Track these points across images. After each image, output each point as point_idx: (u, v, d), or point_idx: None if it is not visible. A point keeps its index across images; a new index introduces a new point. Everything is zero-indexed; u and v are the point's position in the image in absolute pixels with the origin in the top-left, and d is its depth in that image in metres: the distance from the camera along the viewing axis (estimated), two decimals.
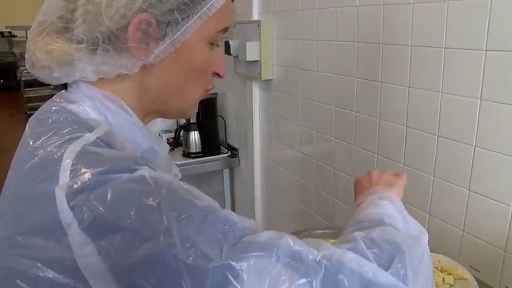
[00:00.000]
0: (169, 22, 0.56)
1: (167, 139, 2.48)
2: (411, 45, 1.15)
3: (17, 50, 9.10)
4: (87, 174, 0.46)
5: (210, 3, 0.58)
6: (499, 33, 0.94)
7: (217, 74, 0.67)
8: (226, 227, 0.48)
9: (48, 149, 0.51)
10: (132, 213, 0.44)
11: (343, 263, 0.49)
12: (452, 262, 0.98)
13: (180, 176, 0.74)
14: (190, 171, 2.31)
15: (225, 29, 0.64)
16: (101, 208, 0.44)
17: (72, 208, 0.45)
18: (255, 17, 1.91)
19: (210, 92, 0.69)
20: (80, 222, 0.44)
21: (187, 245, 0.44)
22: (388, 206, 0.68)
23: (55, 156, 0.49)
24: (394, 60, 1.22)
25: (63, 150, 0.49)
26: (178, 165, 2.42)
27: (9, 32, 9.25)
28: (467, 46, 1.00)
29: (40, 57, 0.58)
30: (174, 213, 0.45)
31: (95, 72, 0.58)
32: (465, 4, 1.00)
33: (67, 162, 0.48)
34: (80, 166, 0.48)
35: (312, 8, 1.54)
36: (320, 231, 1.13)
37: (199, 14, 0.57)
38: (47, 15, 0.59)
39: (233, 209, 2.53)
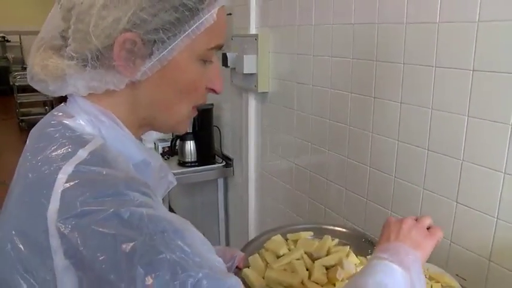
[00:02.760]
0: (155, 41, 0.57)
1: (163, 148, 2.50)
2: (403, 63, 1.20)
3: (10, 55, 9.08)
4: (75, 202, 0.49)
5: (199, 22, 0.58)
6: (484, 54, 0.99)
7: (213, 90, 0.67)
8: None
9: (43, 168, 0.53)
10: (105, 257, 0.47)
11: None
12: (440, 270, 1.02)
13: (175, 183, 0.76)
14: (185, 180, 2.34)
15: (218, 46, 0.64)
16: (81, 245, 0.47)
17: (60, 236, 0.48)
18: (253, 31, 1.96)
19: (197, 108, 0.69)
20: (65, 251, 0.48)
21: None
22: (399, 276, 0.65)
23: (48, 178, 0.52)
24: (387, 77, 1.27)
25: (56, 171, 0.52)
26: (173, 174, 2.41)
27: (3, 37, 9.23)
28: (455, 65, 1.06)
29: (38, 71, 0.62)
30: (142, 267, 0.46)
31: (85, 87, 0.60)
32: (454, 27, 1.06)
33: (58, 186, 0.50)
34: (69, 191, 0.50)
35: (308, 24, 1.59)
36: (303, 226, 1.12)
37: (186, 32, 0.58)
38: (46, 32, 0.63)
39: (227, 218, 2.56)
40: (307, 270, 0.96)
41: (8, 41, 9.29)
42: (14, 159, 0.63)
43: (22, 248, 0.50)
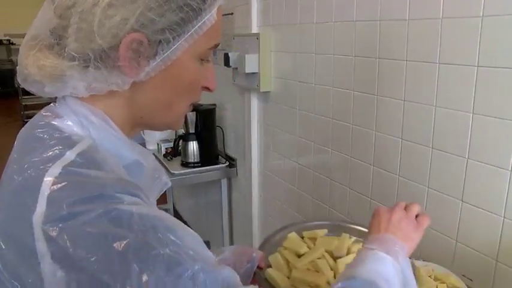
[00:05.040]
0: (160, 41, 0.57)
1: (166, 149, 2.51)
2: (406, 60, 1.19)
3: (15, 58, 9.07)
4: (61, 204, 0.48)
5: (202, 22, 0.59)
6: (490, 50, 0.98)
7: (207, 88, 0.68)
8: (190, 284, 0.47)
9: (29, 171, 0.52)
10: (97, 257, 0.46)
11: None
12: (445, 271, 1.01)
13: (169, 184, 0.75)
14: (188, 181, 2.34)
15: (216, 46, 0.65)
16: (70, 247, 0.46)
17: (47, 240, 0.46)
18: (254, 30, 1.95)
19: (192, 105, 0.69)
20: (52, 254, 0.46)
21: None
22: (390, 265, 0.67)
23: (34, 181, 0.50)
24: (390, 74, 1.25)
25: (43, 174, 0.50)
26: (176, 175, 2.41)
27: (8, 40, 9.29)
28: (460, 62, 1.04)
29: (32, 72, 0.59)
30: (137, 264, 0.45)
31: (86, 89, 0.58)
32: (458, 22, 1.04)
33: (45, 189, 0.49)
34: (56, 194, 0.49)
35: (310, 22, 1.58)
36: (316, 223, 1.13)
37: (190, 32, 0.58)
38: (39, 30, 0.60)
39: (230, 218, 2.55)
40: (331, 269, 0.96)
41: (13, 44, 9.34)
42: None
43: (8, 252, 0.49)
